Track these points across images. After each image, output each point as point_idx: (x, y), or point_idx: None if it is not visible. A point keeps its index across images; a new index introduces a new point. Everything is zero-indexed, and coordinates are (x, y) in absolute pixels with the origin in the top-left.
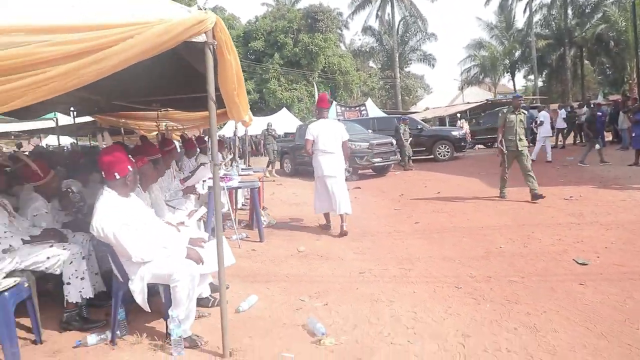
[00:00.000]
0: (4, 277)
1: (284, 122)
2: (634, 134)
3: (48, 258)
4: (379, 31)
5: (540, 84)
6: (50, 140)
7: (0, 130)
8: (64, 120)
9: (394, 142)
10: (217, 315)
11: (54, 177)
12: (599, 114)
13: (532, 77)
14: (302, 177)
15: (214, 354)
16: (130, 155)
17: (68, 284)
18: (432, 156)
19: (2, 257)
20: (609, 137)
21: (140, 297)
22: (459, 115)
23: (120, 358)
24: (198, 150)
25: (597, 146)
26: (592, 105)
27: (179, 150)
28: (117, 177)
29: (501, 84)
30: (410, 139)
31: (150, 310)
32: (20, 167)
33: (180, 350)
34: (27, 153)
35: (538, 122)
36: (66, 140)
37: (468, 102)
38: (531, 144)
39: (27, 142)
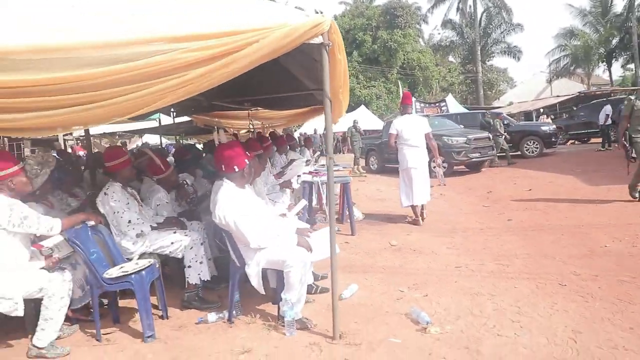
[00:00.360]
0: (138, 259)
1: (362, 119)
2: None
3: (172, 243)
4: (459, 24)
5: None
6: (148, 139)
7: (109, 131)
8: (164, 120)
9: (491, 136)
10: (321, 302)
11: (173, 171)
12: None
13: (632, 66)
14: (389, 174)
15: (324, 336)
16: None
17: (189, 267)
18: (519, 152)
19: (135, 240)
20: None
21: (255, 280)
22: (541, 110)
23: (237, 335)
24: (288, 147)
25: None
26: None
27: None
28: (236, 169)
29: (595, 74)
30: (505, 134)
31: (264, 293)
32: (144, 161)
33: (293, 331)
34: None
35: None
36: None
37: (557, 95)
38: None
39: (128, 141)
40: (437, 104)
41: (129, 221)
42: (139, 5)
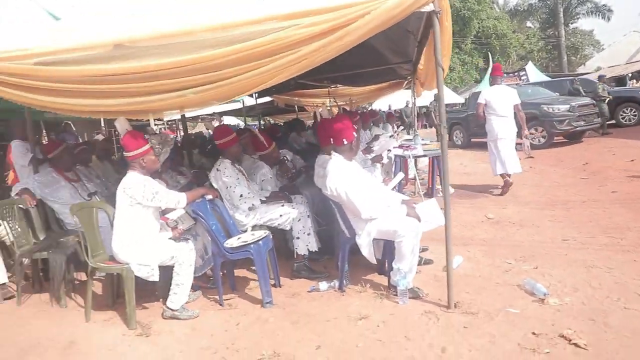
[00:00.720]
0: (251, 231)
1: (434, 92)
2: None
3: (280, 215)
4: None
5: None
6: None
7: (194, 114)
8: (246, 101)
9: (594, 103)
10: (427, 272)
11: (275, 148)
12: None
13: None
14: (474, 148)
15: (437, 305)
16: None
17: (297, 238)
18: (613, 121)
19: (247, 213)
20: None
21: (366, 250)
22: (630, 74)
23: (351, 303)
24: (371, 122)
25: None
26: None
27: None
28: (345, 142)
29: None
30: (609, 98)
31: (376, 262)
32: (246, 139)
33: (406, 299)
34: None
35: None
36: (233, 121)
37: None
38: None
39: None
40: (516, 73)
41: (241, 195)
42: None
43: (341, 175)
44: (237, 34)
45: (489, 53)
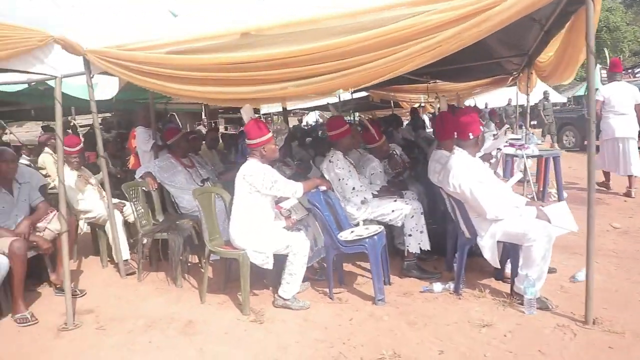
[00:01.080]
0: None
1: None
2: None
3: (393, 211)
4: None
5: None
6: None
7: (289, 108)
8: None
9: None
10: (551, 282)
11: (385, 141)
12: None
13: None
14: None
15: (571, 319)
16: None
17: (409, 235)
18: None
19: (359, 207)
20: None
21: (489, 253)
22: None
23: (470, 308)
24: None
25: None
26: None
27: None
28: (471, 137)
29: None
30: None
31: (499, 267)
32: (356, 130)
33: (533, 310)
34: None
35: None
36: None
37: None
38: None
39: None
40: (629, 70)
41: (353, 188)
42: None
43: (466, 171)
44: (367, 21)
45: (604, 48)
